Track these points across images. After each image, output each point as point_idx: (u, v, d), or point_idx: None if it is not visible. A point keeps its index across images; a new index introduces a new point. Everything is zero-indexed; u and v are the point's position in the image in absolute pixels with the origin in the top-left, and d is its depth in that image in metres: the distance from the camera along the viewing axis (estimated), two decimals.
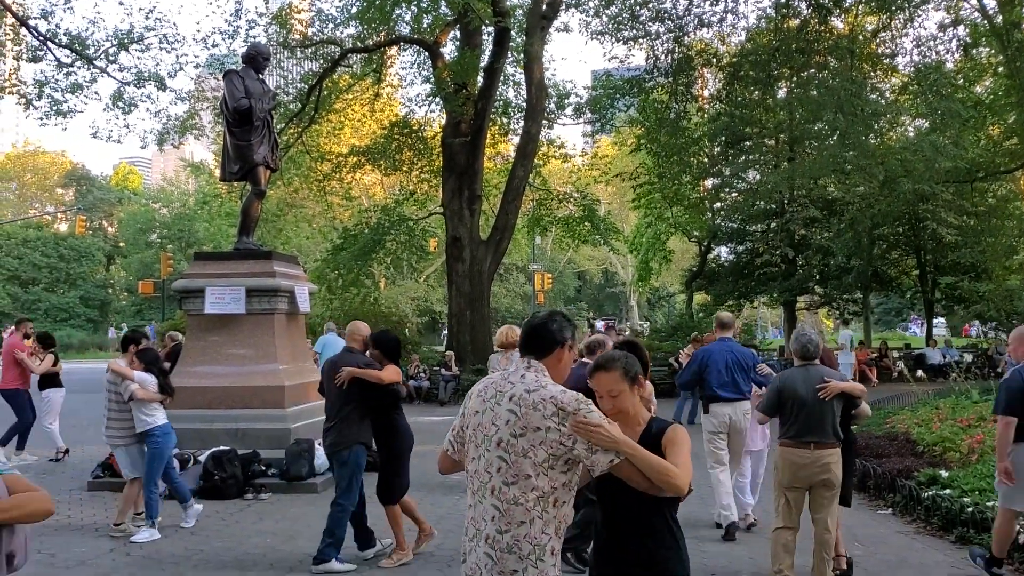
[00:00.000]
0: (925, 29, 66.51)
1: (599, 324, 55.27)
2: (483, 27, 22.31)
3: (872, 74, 22.64)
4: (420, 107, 28.81)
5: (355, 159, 27.45)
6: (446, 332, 28.50)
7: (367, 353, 7.38)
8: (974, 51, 23.68)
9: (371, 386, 7.03)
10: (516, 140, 25.73)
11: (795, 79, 22.53)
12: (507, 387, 3.19)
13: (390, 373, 7.13)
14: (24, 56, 22.43)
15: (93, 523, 8.50)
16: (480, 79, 22.97)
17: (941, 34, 21.76)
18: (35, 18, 21.61)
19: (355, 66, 26.89)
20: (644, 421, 3.35)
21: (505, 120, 26.84)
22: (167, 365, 13.47)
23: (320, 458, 10.50)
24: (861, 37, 22.24)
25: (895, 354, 27.73)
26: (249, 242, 12.27)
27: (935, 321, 35.88)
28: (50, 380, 12.59)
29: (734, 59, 23.23)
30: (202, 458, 10.10)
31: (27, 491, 2.55)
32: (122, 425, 8.09)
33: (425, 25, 23.43)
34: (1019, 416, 6.36)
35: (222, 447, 10.24)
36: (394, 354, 7.33)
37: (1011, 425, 6.35)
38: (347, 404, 7.05)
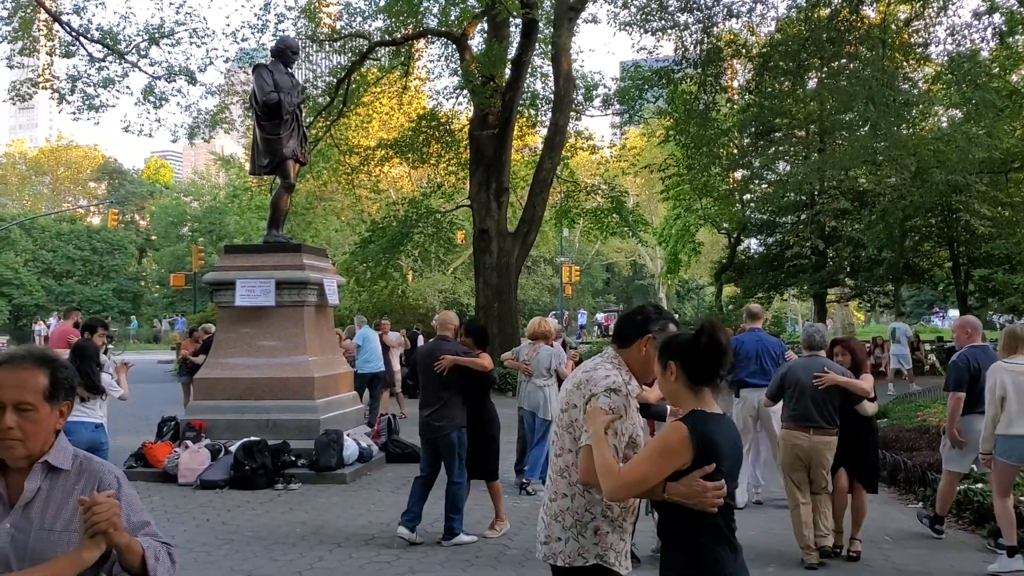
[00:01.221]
0: (959, 17, 65.35)
1: (600, 317, 55.08)
2: (511, 19, 22.25)
3: (904, 64, 22.31)
4: (448, 100, 28.80)
5: (383, 152, 27.49)
6: None
7: (459, 341, 7.79)
8: (1010, 39, 23.25)
9: (471, 373, 7.42)
10: (544, 132, 25.66)
11: (826, 69, 22.25)
12: (579, 369, 3.44)
13: (488, 360, 7.60)
14: (57, 51, 22.69)
15: None
16: (508, 71, 22.91)
17: (976, 22, 21.37)
18: (68, 13, 21.86)
19: (383, 59, 26.92)
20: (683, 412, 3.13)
21: (533, 112, 26.75)
22: (202, 358, 13.69)
23: (349, 449, 10.58)
24: (893, 26, 21.90)
25: (927, 347, 27.40)
26: (279, 235, 12.38)
27: (950, 315, 35.40)
28: None
29: (764, 49, 22.98)
30: (233, 448, 10.22)
31: None
32: None
33: (453, 18, 23.40)
34: (966, 391, 7.16)
35: (252, 437, 10.36)
36: (484, 342, 7.84)
37: (960, 400, 7.17)
38: (447, 390, 7.39)
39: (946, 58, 21.67)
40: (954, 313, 42.40)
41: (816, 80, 24.13)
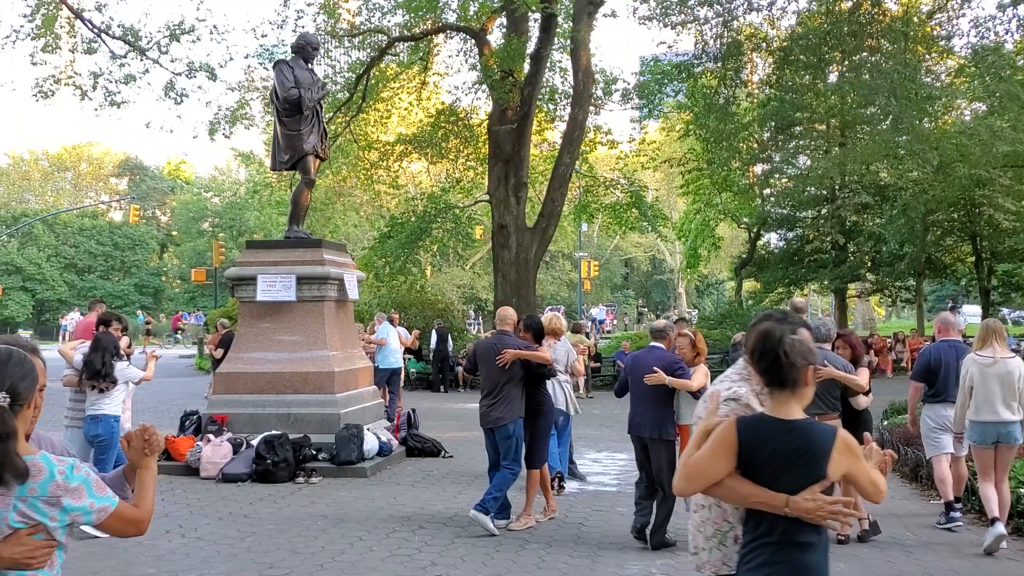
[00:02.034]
0: (983, 9, 64.80)
1: (597, 312, 54.70)
2: (530, 13, 22.22)
3: (927, 57, 22.14)
4: (466, 95, 28.93)
5: (402, 147, 27.55)
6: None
7: (519, 336, 8.10)
8: None
9: (531, 365, 7.74)
10: (562, 127, 25.61)
11: (847, 63, 22.09)
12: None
13: (548, 354, 8.05)
14: (79, 48, 22.85)
15: None
16: (526, 66, 22.88)
17: (1000, 14, 21.16)
18: (89, 10, 22.00)
19: (402, 55, 26.94)
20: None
21: (551, 107, 26.71)
22: (220, 352, 13.80)
23: (369, 443, 10.63)
24: (915, 19, 21.72)
25: None
26: (299, 230, 12.43)
27: (963, 311, 35.06)
28: None
29: (784, 43, 22.86)
30: (254, 442, 10.28)
31: None
32: (72, 406, 8.27)
33: (471, 12, 23.40)
34: (928, 382, 7.81)
35: (274, 431, 10.42)
36: (542, 337, 8.27)
37: (917, 388, 7.99)
38: (509, 382, 7.68)
39: (969, 51, 21.46)
40: (968, 309, 42.06)
41: (837, 74, 23.97)
